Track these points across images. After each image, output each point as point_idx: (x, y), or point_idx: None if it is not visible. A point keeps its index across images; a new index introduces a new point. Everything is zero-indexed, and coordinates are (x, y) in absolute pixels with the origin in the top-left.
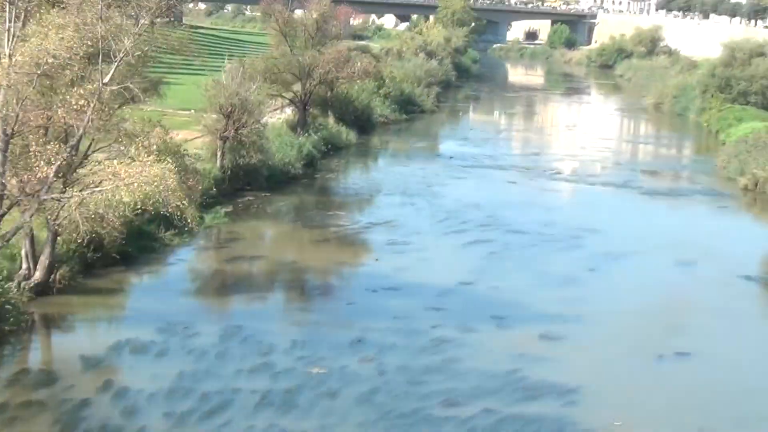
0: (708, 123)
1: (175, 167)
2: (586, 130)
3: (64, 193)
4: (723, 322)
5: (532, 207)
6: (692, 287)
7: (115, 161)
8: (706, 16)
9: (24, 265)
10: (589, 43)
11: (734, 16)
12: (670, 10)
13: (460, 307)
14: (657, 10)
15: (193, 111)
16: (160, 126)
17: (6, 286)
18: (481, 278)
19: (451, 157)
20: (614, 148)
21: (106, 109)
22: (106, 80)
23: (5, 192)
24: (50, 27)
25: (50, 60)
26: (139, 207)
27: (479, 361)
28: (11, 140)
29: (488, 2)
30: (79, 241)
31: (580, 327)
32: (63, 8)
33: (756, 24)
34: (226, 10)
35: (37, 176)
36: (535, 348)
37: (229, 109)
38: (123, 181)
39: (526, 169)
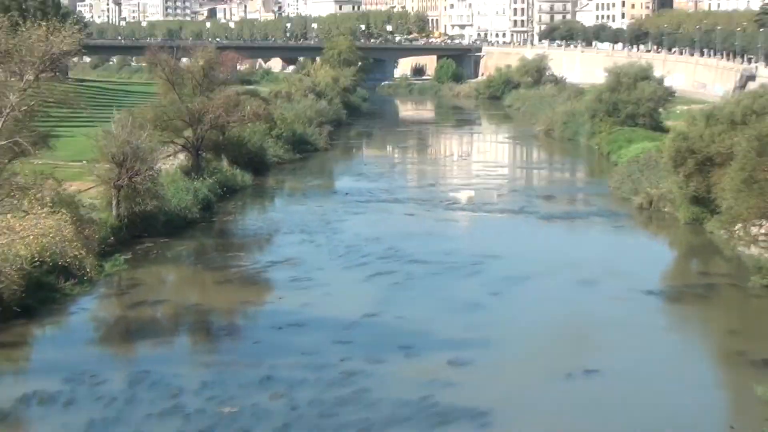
0: (599, 146)
1: (70, 218)
2: (479, 159)
3: None
4: (627, 336)
5: (432, 237)
6: (595, 305)
7: (8, 215)
8: (589, 44)
9: None
10: (476, 76)
11: (616, 42)
12: (553, 39)
13: (367, 338)
14: (540, 40)
15: (85, 162)
16: (53, 178)
17: None
18: (386, 309)
19: (347, 194)
20: (509, 175)
21: None
22: None
23: None
24: None
25: None
26: (36, 259)
27: (390, 390)
28: None
29: (374, 41)
30: None
31: (487, 351)
32: None
33: (638, 49)
34: (111, 62)
35: None
36: (445, 374)
37: (122, 158)
38: (18, 234)
39: (423, 201)
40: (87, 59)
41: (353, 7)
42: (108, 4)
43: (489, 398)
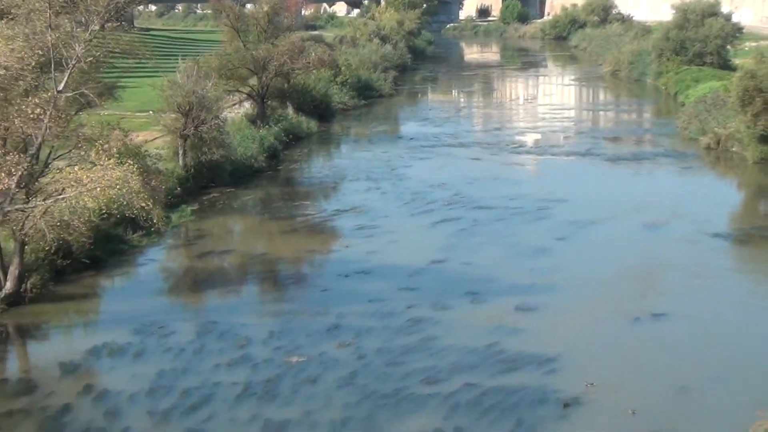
0: (666, 86)
1: (137, 169)
2: (545, 102)
3: (27, 203)
4: (696, 280)
5: (497, 182)
6: (662, 248)
7: (76, 167)
8: None
9: None
10: (541, 16)
11: None
12: None
13: (433, 285)
14: None
15: (151, 112)
16: (119, 129)
17: None
18: (452, 256)
19: (411, 139)
20: (574, 117)
21: (63, 116)
22: (60, 88)
23: None
24: None
25: (2, 72)
26: (104, 211)
27: (456, 337)
28: None
29: None
30: (47, 249)
31: (554, 296)
32: (11, 19)
33: None
34: (176, 10)
35: None
36: (512, 320)
37: (187, 108)
38: (86, 186)
39: (489, 145)
40: (152, 7)
41: None
42: None
43: (556, 343)
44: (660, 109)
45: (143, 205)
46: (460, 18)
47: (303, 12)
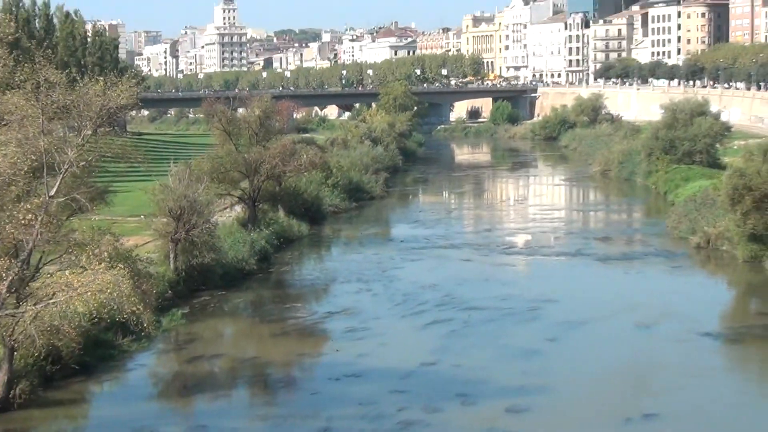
0: (655, 185)
1: (127, 273)
2: (536, 203)
3: (18, 308)
4: (687, 380)
5: (489, 283)
6: (654, 348)
7: (67, 272)
8: (645, 81)
9: None
10: (531, 116)
11: (672, 78)
12: (608, 77)
13: (424, 388)
14: (595, 79)
15: (142, 216)
16: (110, 233)
17: None
18: (443, 357)
19: (402, 241)
20: (565, 217)
21: (55, 221)
22: (52, 193)
23: None
24: None
25: None
26: (94, 316)
27: None
28: None
29: (429, 85)
30: (36, 354)
31: (545, 397)
32: (4, 125)
33: (694, 84)
34: (169, 115)
35: None
36: (503, 422)
37: (179, 212)
38: (76, 291)
39: (480, 246)
40: (145, 112)
41: (408, 52)
42: (165, 58)
43: None
44: (650, 209)
45: (134, 309)
46: (451, 120)
47: (295, 115)
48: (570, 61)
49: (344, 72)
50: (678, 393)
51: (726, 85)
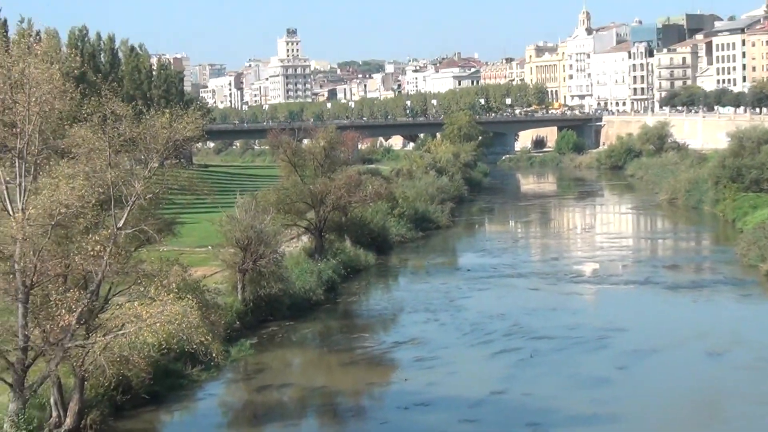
0: (723, 213)
1: (195, 304)
2: (603, 231)
3: (87, 339)
4: (758, 407)
5: (557, 311)
6: (724, 376)
7: (135, 303)
8: (711, 109)
9: (54, 413)
10: (597, 145)
11: (738, 106)
12: (673, 105)
13: (493, 417)
14: (661, 107)
15: (210, 247)
16: (178, 264)
17: None
18: (512, 387)
19: (468, 270)
20: (633, 246)
21: (123, 252)
22: (120, 225)
23: (29, 343)
24: (60, 178)
25: (63, 210)
26: (163, 346)
27: None
28: (31, 291)
29: (494, 115)
30: (106, 384)
31: (616, 426)
32: (72, 158)
33: (761, 112)
34: (234, 147)
35: (60, 325)
36: None
37: (246, 242)
38: (145, 322)
39: (547, 275)
40: (210, 144)
41: (472, 82)
42: (230, 90)
43: None
44: (718, 236)
45: (202, 339)
46: (516, 149)
47: (360, 146)
48: (635, 89)
49: (408, 102)
50: (749, 420)
51: None
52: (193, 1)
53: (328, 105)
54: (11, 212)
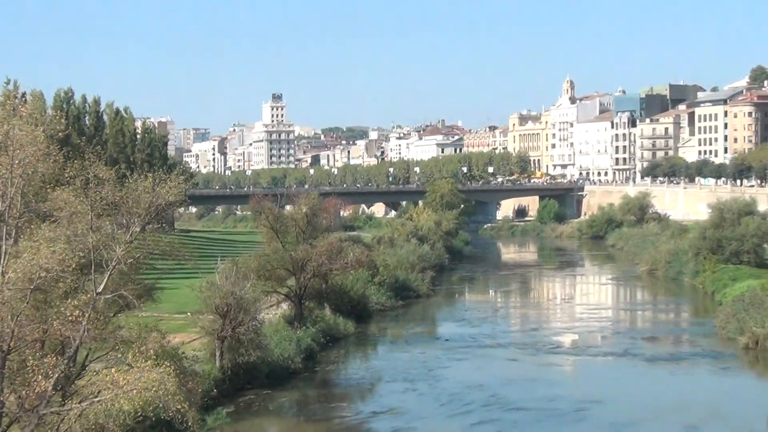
0: (703, 285)
1: (173, 371)
2: (582, 302)
3: (63, 405)
4: None
5: (535, 383)
6: None
7: (113, 369)
8: (692, 180)
9: None
10: (578, 215)
11: (719, 177)
12: (655, 176)
13: None
14: (642, 177)
15: (189, 313)
16: (157, 330)
17: None
18: None
19: (447, 339)
20: (612, 317)
21: (102, 318)
22: (99, 290)
23: (4, 409)
24: (41, 241)
25: (43, 274)
26: (140, 414)
27: None
28: (8, 356)
29: (476, 183)
30: None
31: None
32: (53, 222)
33: (742, 183)
34: (216, 212)
35: (36, 391)
36: None
37: (225, 309)
38: (122, 389)
39: (526, 345)
40: (193, 209)
41: (455, 150)
42: (214, 154)
43: None
44: (697, 308)
45: (179, 407)
46: (498, 218)
47: (341, 213)
48: (617, 159)
49: (391, 169)
50: None
51: None
52: (178, 66)
53: (311, 171)
54: None
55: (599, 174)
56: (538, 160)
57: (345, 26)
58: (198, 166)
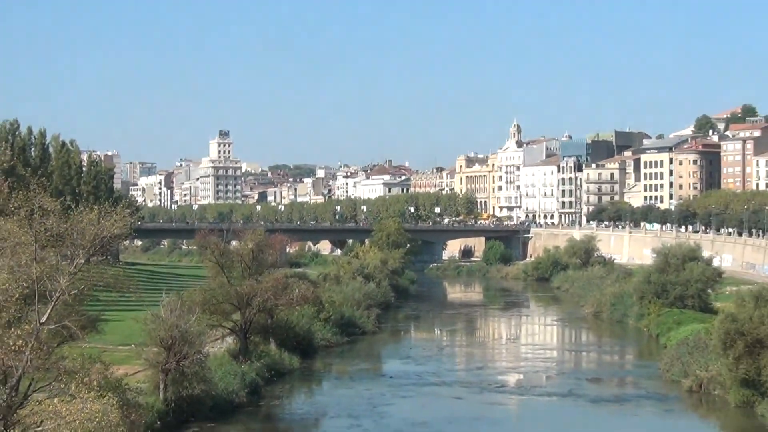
0: (647, 328)
1: (116, 402)
2: (528, 342)
3: None
4: None
5: (480, 422)
6: None
7: (55, 400)
8: (637, 225)
9: None
10: (524, 257)
11: (664, 223)
12: (601, 220)
13: None
14: (588, 221)
15: (133, 345)
16: (101, 362)
17: None
18: None
19: (391, 377)
20: (557, 357)
21: (45, 348)
22: (43, 320)
23: None
24: None
25: None
26: None
27: None
28: None
29: (422, 223)
30: None
31: None
32: None
33: (687, 229)
34: (162, 246)
35: None
36: None
37: (170, 342)
38: (65, 419)
39: (471, 384)
40: (138, 242)
41: (402, 190)
42: (160, 188)
43: None
44: (642, 351)
45: None
46: (444, 258)
47: (288, 249)
48: (563, 202)
49: (338, 207)
50: None
51: (718, 231)
52: (126, 100)
53: (258, 207)
54: None
55: (545, 217)
56: (485, 201)
57: (291, 64)
58: (144, 200)
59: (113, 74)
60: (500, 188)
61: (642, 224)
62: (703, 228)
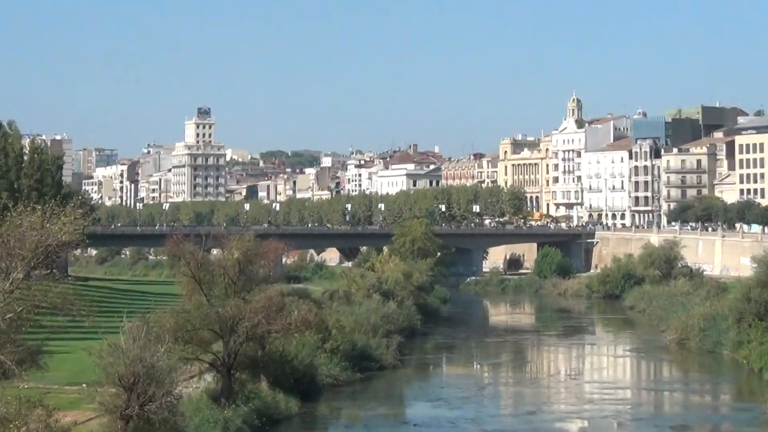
0: (748, 359)
1: None
2: (593, 379)
3: None
4: None
5: None
6: None
7: None
8: (732, 226)
9: None
10: (587, 268)
11: (767, 224)
12: (685, 221)
13: None
14: (669, 222)
15: (84, 385)
16: (42, 407)
17: None
18: None
19: (416, 424)
20: (631, 399)
21: None
22: None
23: None
24: None
25: None
26: None
27: None
28: None
29: (457, 225)
30: None
31: None
32: None
33: None
34: (123, 256)
35: None
36: None
37: (132, 380)
38: None
39: None
40: (92, 252)
41: (430, 183)
42: (122, 182)
43: None
44: (741, 389)
45: None
46: (484, 270)
47: (284, 260)
48: (636, 198)
49: (349, 206)
50: None
51: None
52: (77, 72)
53: (246, 206)
54: None
55: (614, 217)
56: (536, 197)
57: (289, 27)
58: (101, 197)
59: (61, 40)
60: (556, 180)
61: (738, 225)
62: None
